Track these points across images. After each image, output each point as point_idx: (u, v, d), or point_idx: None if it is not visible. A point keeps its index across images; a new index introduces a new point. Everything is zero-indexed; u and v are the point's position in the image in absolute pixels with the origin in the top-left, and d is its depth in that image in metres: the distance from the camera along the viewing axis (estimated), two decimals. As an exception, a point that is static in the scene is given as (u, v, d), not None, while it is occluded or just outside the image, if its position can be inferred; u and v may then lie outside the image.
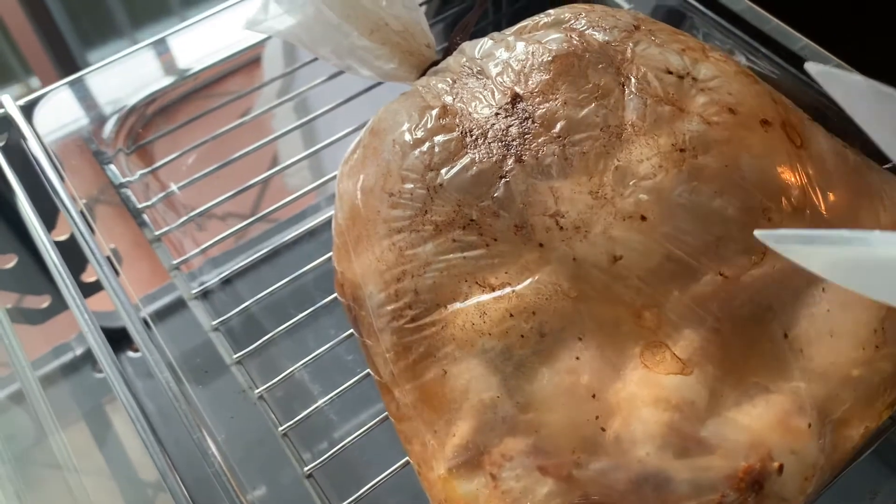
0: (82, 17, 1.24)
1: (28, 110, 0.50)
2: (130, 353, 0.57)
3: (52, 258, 0.45)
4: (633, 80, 0.38)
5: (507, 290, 0.35)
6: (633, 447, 0.32)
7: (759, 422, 0.33)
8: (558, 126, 0.37)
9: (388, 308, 0.36)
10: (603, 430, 0.33)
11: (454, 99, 0.39)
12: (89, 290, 0.56)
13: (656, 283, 0.35)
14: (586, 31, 0.40)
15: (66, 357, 0.58)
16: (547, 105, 0.37)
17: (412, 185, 0.37)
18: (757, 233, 0.30)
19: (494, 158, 0.37)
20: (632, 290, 0.35)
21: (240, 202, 0.51)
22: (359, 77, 0.45)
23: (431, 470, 0.35)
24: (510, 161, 0.36)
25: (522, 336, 0.34)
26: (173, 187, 0.50)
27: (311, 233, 0.47)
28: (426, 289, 0.36)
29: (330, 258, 0.45)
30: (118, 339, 0.52)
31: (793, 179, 0.37)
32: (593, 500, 0.32)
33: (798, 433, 0.33)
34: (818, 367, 0.34)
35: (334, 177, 0.43)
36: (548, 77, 0.38)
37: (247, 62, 0.58)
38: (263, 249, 0.47)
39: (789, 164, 0.37)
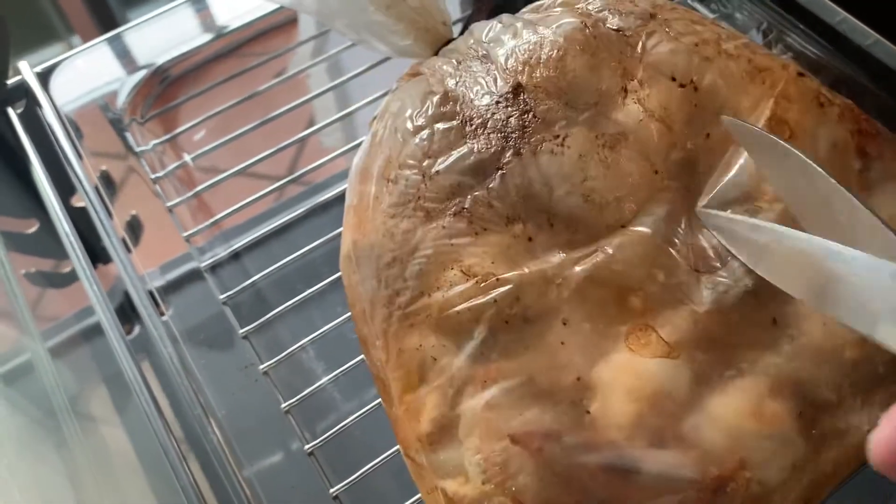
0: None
1: (45, 77, 0.50)
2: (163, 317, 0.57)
3: (65, 229, 0.45)
4: (635, 87, 0.37)
5: (492, 279, 0.34)
6: (609, 430, 0.32)
7: (732, 410, 0.32)
8: (557, 126, 0.36)
9: (381, 294, 0.35)
10: (588, 412, 0.32)
11: (457, 83, 0.38)
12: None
13: (642, 269, 0.34)
14: (601, 14, 0.38)
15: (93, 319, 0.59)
16: (549, 103, 0.36)
17: (409, 172, 0.37)
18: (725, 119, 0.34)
19: (493, 150, 0.36)
20: (617, 276, 0.34)
21: (255, 175, 0.51)
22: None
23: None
24: (508, 154, 0.36)
25: (507, 322, 0.34)
26: (186, 158, 0.50)
27: (322, 207, 0.47)
28: (413, 276, 0.35)
29: (338, 234, 0.44)
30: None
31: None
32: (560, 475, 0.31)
33: (773, 418, 0.32)
34: (804, 346, 0.33)
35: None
36: (553, 73, 0.37)
37: (254, 35, 0.57)
38: (273, 224, 0.46)
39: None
